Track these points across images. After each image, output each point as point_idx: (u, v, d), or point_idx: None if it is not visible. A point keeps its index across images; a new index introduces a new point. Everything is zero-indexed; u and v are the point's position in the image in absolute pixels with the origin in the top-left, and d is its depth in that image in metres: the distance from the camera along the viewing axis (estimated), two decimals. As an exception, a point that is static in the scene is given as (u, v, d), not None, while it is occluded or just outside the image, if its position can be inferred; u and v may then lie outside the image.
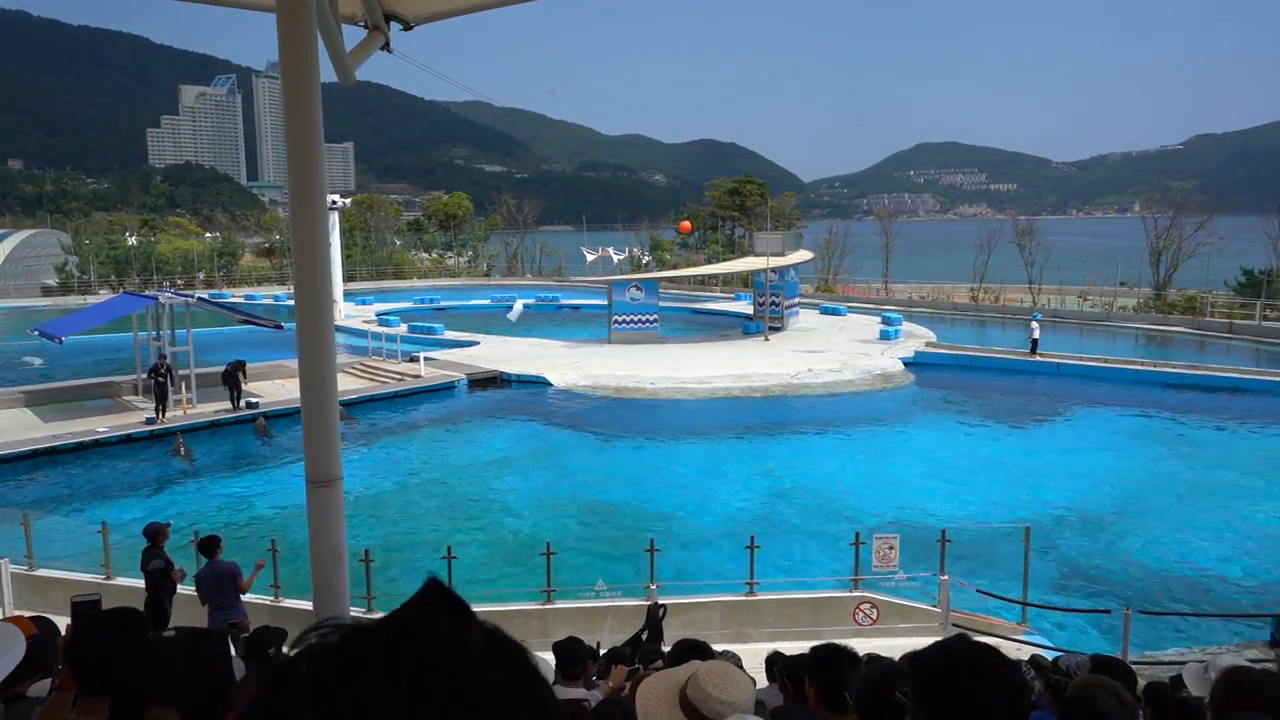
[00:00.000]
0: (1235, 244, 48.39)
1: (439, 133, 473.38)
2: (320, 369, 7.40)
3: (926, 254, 62.79)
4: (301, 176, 6.92)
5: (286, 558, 12.05)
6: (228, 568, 9.69)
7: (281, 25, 6.53)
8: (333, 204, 44.65)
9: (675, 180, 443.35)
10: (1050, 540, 15.11)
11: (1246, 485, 18.50)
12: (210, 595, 9.53)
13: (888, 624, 11.03)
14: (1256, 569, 14.07)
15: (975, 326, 44.37)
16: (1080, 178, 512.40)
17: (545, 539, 13.31)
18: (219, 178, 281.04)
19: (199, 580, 9.69)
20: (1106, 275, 54.84)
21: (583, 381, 28.42)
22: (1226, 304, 44.21)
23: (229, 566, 9.71)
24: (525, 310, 51.03)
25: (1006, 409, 26.27)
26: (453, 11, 7.73)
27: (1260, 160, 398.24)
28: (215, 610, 9.51)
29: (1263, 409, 25.21)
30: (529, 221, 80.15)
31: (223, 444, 22.69)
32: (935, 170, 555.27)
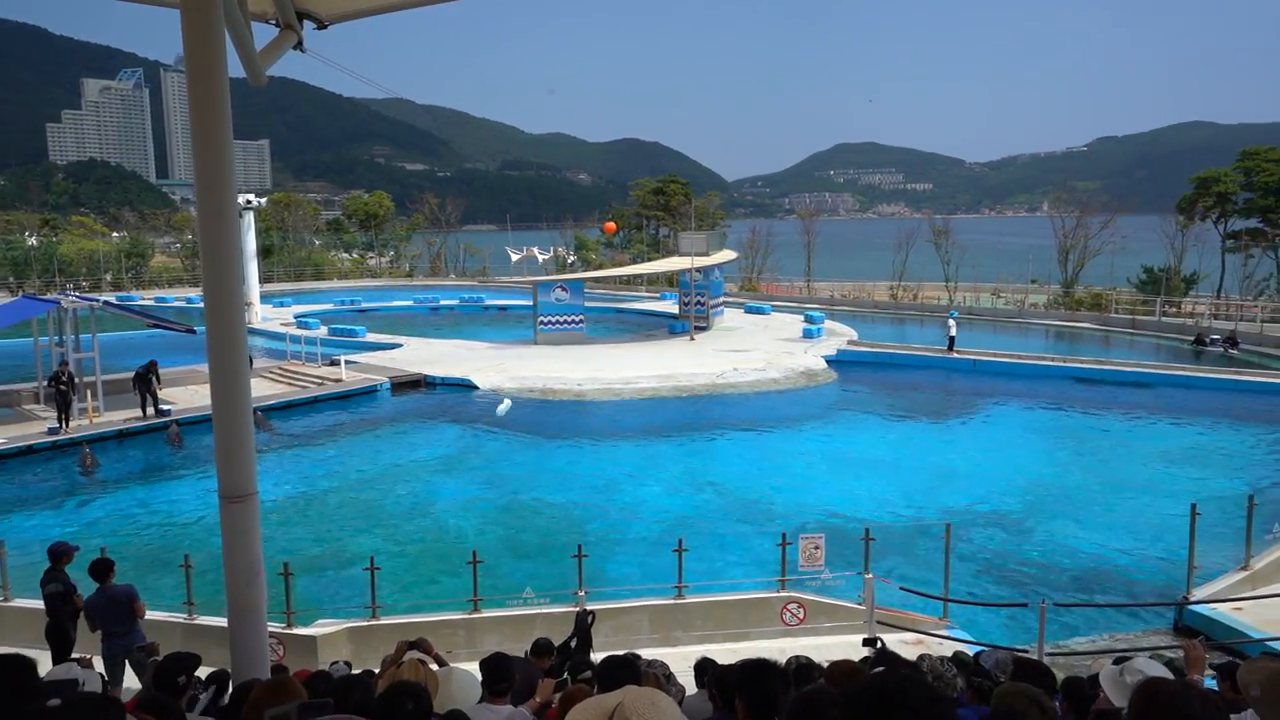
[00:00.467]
0: (1137, 242, 50.54)
1: (358, 130, 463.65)
2: (232, 379, 7.14)
3: (847, 252, 64.13)
4: (210, 180, 6.66)
5: (202, 572, 11.62)
6: (123, 592, 9.06)
7: (186, 23, 6.27)
8: (247, 204, 43.41)
9: (600, 179, 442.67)
10: (971, 534, 15.51)
11: (1150, 476, 19.30)
12: (105, 622, 8.99)
13: (814, 623, 11.16)
14: (1160, 556, 14.66)
15: (895, 324, 45.38)
16: (992, 178, 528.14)
17: (471, 546, 13.14)
18: (126, 175, 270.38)
19: (90, 607, 9.04)
20: (1018, 273, 56.68)
21: (508, 384, 28.14)
22: (1129, 300, 46.12)
23: (124, 591, 9.08)
24: (451, 311, 50.43)
25: (926, 405, 26.91)
26: (368, 11, 7.54)
27: (1159, 162, 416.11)
28: (110, 637, 9.00)
29: (1163, 402, 26.34)
30: (452, 221, 79.15)
31: (133, 454, 21.81)
32: (854, 170, 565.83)
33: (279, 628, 10.67)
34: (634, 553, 14.99)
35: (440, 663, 6.45)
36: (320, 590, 13.51)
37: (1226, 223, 49.85)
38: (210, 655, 9.03)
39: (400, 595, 12.92)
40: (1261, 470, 19.79)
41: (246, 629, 6.86)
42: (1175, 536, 13.92)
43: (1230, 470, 19.70)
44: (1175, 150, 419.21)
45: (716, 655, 8.15)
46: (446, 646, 10.33)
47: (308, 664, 10.12)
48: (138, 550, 15.47)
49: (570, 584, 11.37)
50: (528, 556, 14.84)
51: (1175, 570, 12.90)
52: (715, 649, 10.51)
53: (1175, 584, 12.50)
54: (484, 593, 11.27)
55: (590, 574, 11.78)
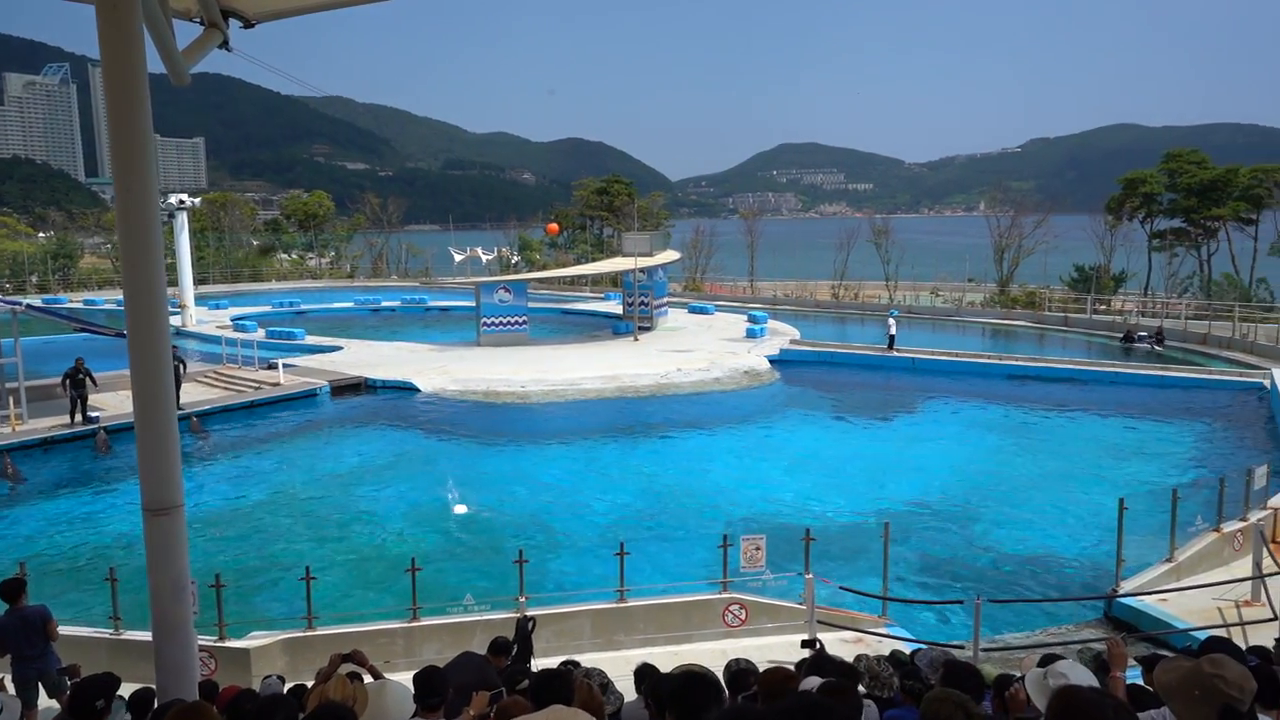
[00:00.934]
0: (1068, 241, 51.99)
1: (297, 129, 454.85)
2: (155, 386, 6.93)
3: (790, 252, 64.67)
4: (130, 181, 6.45)
5: (129, 585, 11.24)
6: (35, 613, 8.54)
7: (102, 20, 6.06)
8: (180, 204, 42.32)
9: (544, 179, 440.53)
10: (909, 532, 15.73)
11: (1082, 471, 19.81)
12: (16, 645, 8.44)
13: (756, 624, 11.21)
14: (1092, 550, 15.05)
15: (837, 323, 45.96)
16: (930, 178, 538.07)
17: (411, 553, 12.95)
18: (52, 173, 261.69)
19: (2, 630, 8.46)
20: (956, 272, 57.91)
21: (451, 386, 27.85)
22: (1062, 299, 47.37)
23: (37, 612, 8.56)
24: (392, 313, 49.85)
25: (867, 404, 27.29)
26: (296, 10, 7.37)
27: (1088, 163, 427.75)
28: (21, 661, 8.56)
29: (1094, 398, 27.09)
30: (394, 221, 78.16)
31: (59, 463, 21.08)
32: (797, 170, 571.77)
33: (210, 641, 10.39)
34: (576, 556, 14.93)
35: (375, 675, 6.33)
36: (255, 601, 13.18)
37: (1152, 222, 51.52)
38: (138, 672, 8.77)
39: (338, 605, 12.67)
40: (1186, 464, 20.45)
41: (172, 646, 6.65)
42: (1106, 530, 14.30)
43: (1157, 464, 20.32)
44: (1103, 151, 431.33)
45: (659, 658, 8.14)
46: (384, 657, 10.18)
47: (240, 678, 9.88)
48: (62, 564, 14.97)
49: (511, 589, 11.27)
50: (468, 562, 14.68)
51: (1107, 563, 13.24)
52: (657, 652, 10.50)
53: (1106, 577, 12.82)
54: (423, 600, 11.09)
55: (532, 578, 11.70)
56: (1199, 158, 49.92)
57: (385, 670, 7.84)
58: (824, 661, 5.17)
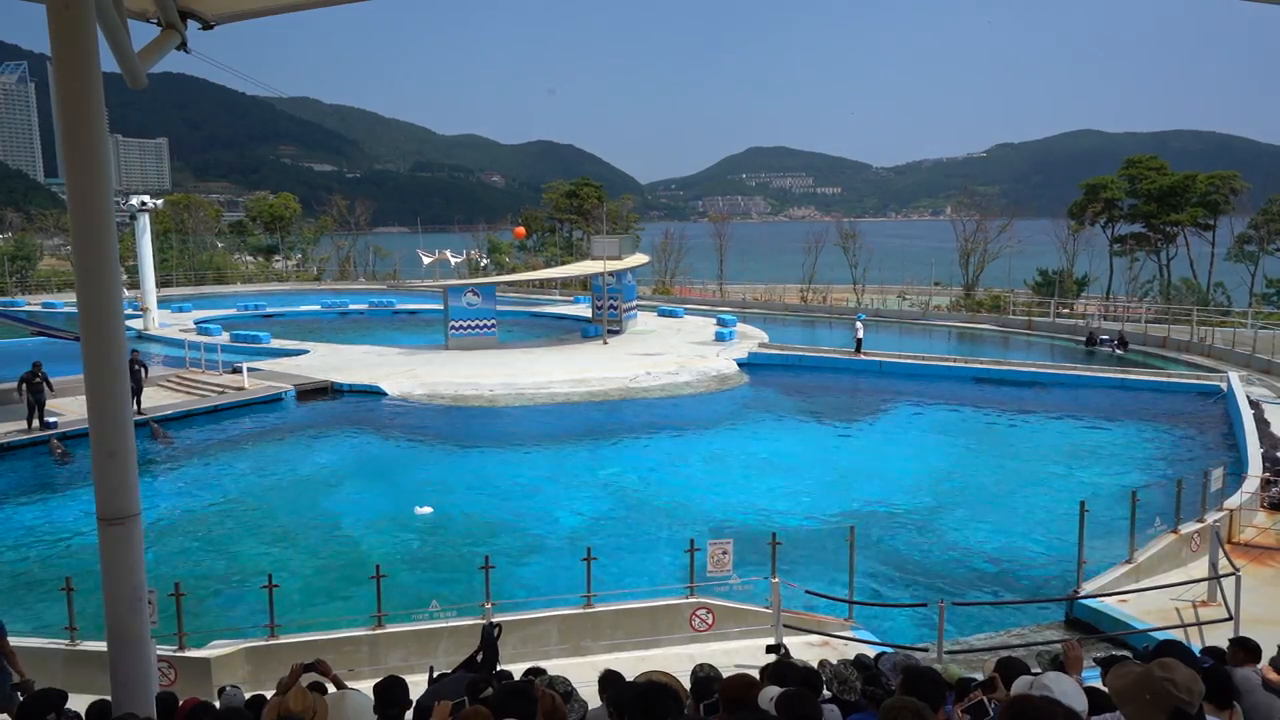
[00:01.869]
0: (1032, 246, 52.70)
1: (263, 129, 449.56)
2: (111, 393, 6.81)
3: (759, 255, 64.99)
4: (82, 184, 6.33)
5: (85, 594, 11.03)
6: None
7: (53, 21, 5.95)
8: (143, 205, 41.71)
9: (513, 182, 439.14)
10: (876, 534, 15.85)
11: (1046, 473, 20.06)
12: None
13: (723, 628, 11.22)
14: (1054, 551, 15.23)
15: (805, 327, 46.22)
16: (897, 182, 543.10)
17: (376, 559, 12.82)
18: (10, 173, 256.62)
19: None
20: (922, 275, 58.48)
21: (418, 390, 27.66)
22: (1026, 302, 48.00)
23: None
24: (360, 316, 49.48)
25: (835, 407, 27.46)
26: (256, 12, 7.28)
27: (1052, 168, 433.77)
28: None
29: (1057, 400, 27.47)
30: (362, 223, 77.54)
31: (15, 470, 20.65)
32: (766, 174, 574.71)
33: (170, 650, 10.21)
34: (543, 561, 14.87)
35: (338, 684, 6.26)
36: (216, 610, 12.99)
37: (1114, 227, 52.39)
38: (95, 683, 8.59)
39: (301, 612, 12.52)
40: (1146, 466, 20.78)
41: (128, 659, 6.53)
42: (1068, 532, 14.49)
43: (1117, 466, 20.62)
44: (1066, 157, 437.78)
45: (625, 664, 8.13)
46: (349, 665, 10.06)
47: (201, 689, 9.72)
48: (16, 573, 14.65)
49: (477, 595, 11.19)
50: (434, 568, 14.57)
51: (1069, 565, 13.42)
52: (624, 658, 10.49)
53: (1068, 579, 12.98)
54: (388, 607, 10.99)
55: (498, 584, 11.63)
56: (1158, 164, 50.85)
57: (350, 679, 7.76)
58: (787, 669, 5.18)
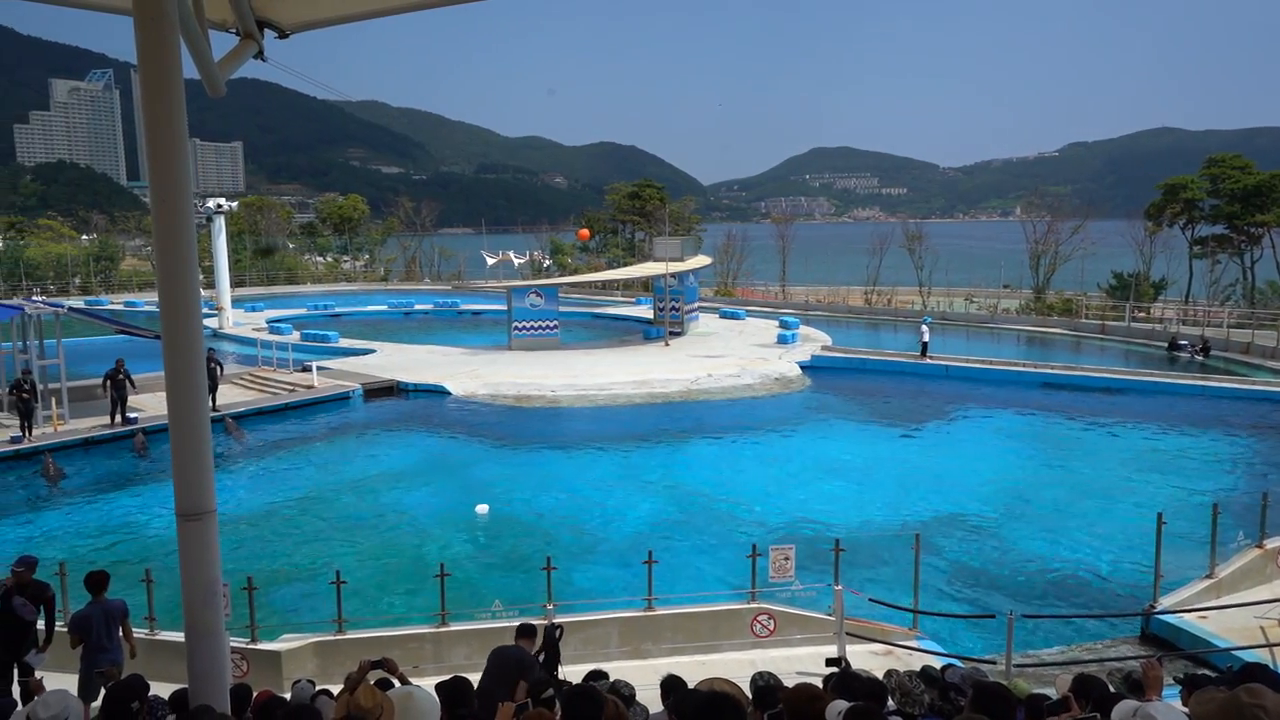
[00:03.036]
0: (1106, 248, 51.18)
1: (333, 133, 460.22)
2: (190, 392, 6.98)
3: (822, 257, 64.25)
4: (165, 188, 6.51)
5: (165, 586, 11.39)
6: (117, 607, 8.88)
7: (140, 31, 6.13)
8: (219, 207, 42.97)
9: (576, 183, 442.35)
10: (942, 542, 15.56)
11: (1120, 482, 19.46)
12: (98, 637, 8.68)
13: (784, 635, 11.12)
14: (1128, 565, 14.78)
15: (869, 329, 45.59)
16: (965, 182, 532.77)
17: (440, 558, 13.02)
18: (95, 177, 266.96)
19: (85, 621, 8.69)
20: (990, 278, 57.23)
21: (482, 390, 27.99)
22: (1099, 306, 46.63)
23: (118, 606, 8.90)
24: (425, 316, 50.27)
25: (899, 412, 27.02)
26: (329, 21, 7.42)
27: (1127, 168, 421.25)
28: (97, 652, 8.70)
29: (1133, 408, 26.61)
30: (427, 224, 78.80)
31: (98, 463, 21.45)
32: (830, 174, 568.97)
33: (243, 643, 10.50)
34: (604, 563, 14.91)
35: (404, 682, 6.35)
36: (287, 604, 13.32)
37: (1194, 229, 50.57)
38: (172, 671, 8.87)
39: (367, 608, 12.76)
40: (1229, 477, 20.02)
41: (204, 650, 6.68)
42: (1144, 544, 14.05)
43: (1197, 477, 19.89)
44: (1143, 156, 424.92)
45: (686, 668, 8.09)
46: (413, 661, 10.23)
47: (272, 681, 9.98)
48: (99, 563, 15.18)
49: (539, 596, 11.26)
50: (497, 568, 14.72)
51: (1144, 578, 13.00)
52: (685, 661, 10.47)
53: (1143, 593, 12.58)
54: (452, 606, 11.13)
55: (560, 585, 11.69)
56: (1242, 163, 48.90)
57: (414, 675, 7.88)
58: (852, 680, 5.10)
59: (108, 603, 8.87)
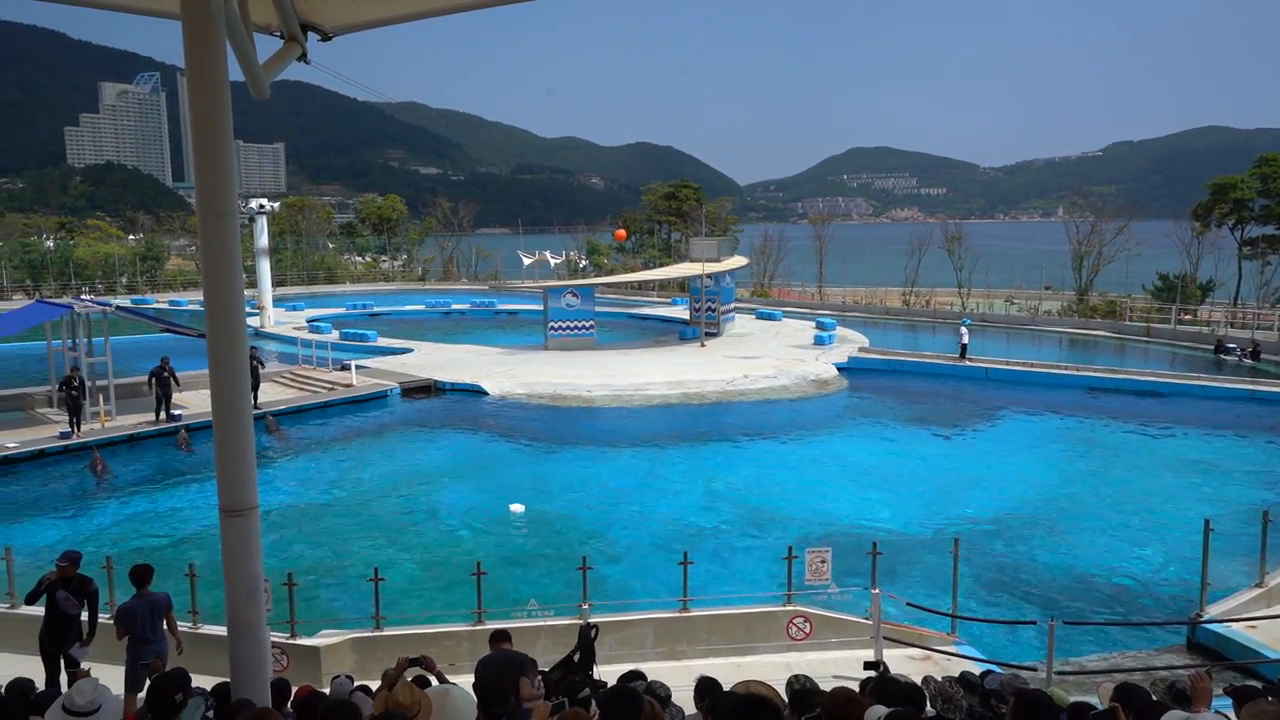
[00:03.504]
0: (1152, 249, 50.18)
1: (372, 134, 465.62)
2: (233, 390, 7.09)
3: (859, 258, 63.78)
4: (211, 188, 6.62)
5: (207, 581, 11.58)
6: (162, 599, 9.04)
7: (188, 35, 6.24)
8: (261, 208, 43.62)
9: (612, 183, 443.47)
10: (981, 546, 15.36)
11: (1164, 488, 19.08)
12: (144, 629, 8.83)
13: (820, 638, 11.04)
14: (1173, 571, 14.48)
15: (907, 331, 45.14)
16: (1006, 182, 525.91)
17: (477, 555, 13.11)
18: (142, 178, 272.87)
19: (130, 613, 8.83)
20: (1032, 279, 56.37)
21: (518, 390, 28.13)
22: (1144, 308, 45.76)
23: (163, 598, 9.07)
24: (462, 315, 50.65)
25: (938, 414, 26.71)
26: (372, 23, 7.50)
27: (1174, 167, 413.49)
28: (143, 645, 8.84)
29: (1179, 412, 26.07)
30: (465, 224, 79.37)
31: (143, 459, 21.88)
32: (868, 174, 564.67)
33: (283, 638, 10.65)
34: (640, 564, 14.91)
35: (441, 679, 6.40)
36: (325, 600, 13.48)
37: (1243, 229, 49.43)
38: (215, 664, 9.01)
39: (404, 605, 12.87)
40: (1278, 483, 19.53)
41: (246, 645, 6.79)
42: (1190, 551, 13.78)
43: (1246, 483, 19.45)
44: (1190, 155, 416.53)
45: (721, 670, 8.06)
46: (450, 659, 10.30)
47: (311, 675, 10.11)
48: (143, 556, 15.47)
49: (575, 595, 11.29)
50: (533, 567, 14.77)
51: (1189, 586, 12.73)
52: (720, 663, 10.43)
53: (1189, 600, 12.32)
54: (488, 604, 11.20)
55: (595, 585, 11.71)
56: (1294, 161, 47.74)
57: (450, 673, 7.94)
58: (890, 684, 5.05)
59: (152, 595, 9.02)
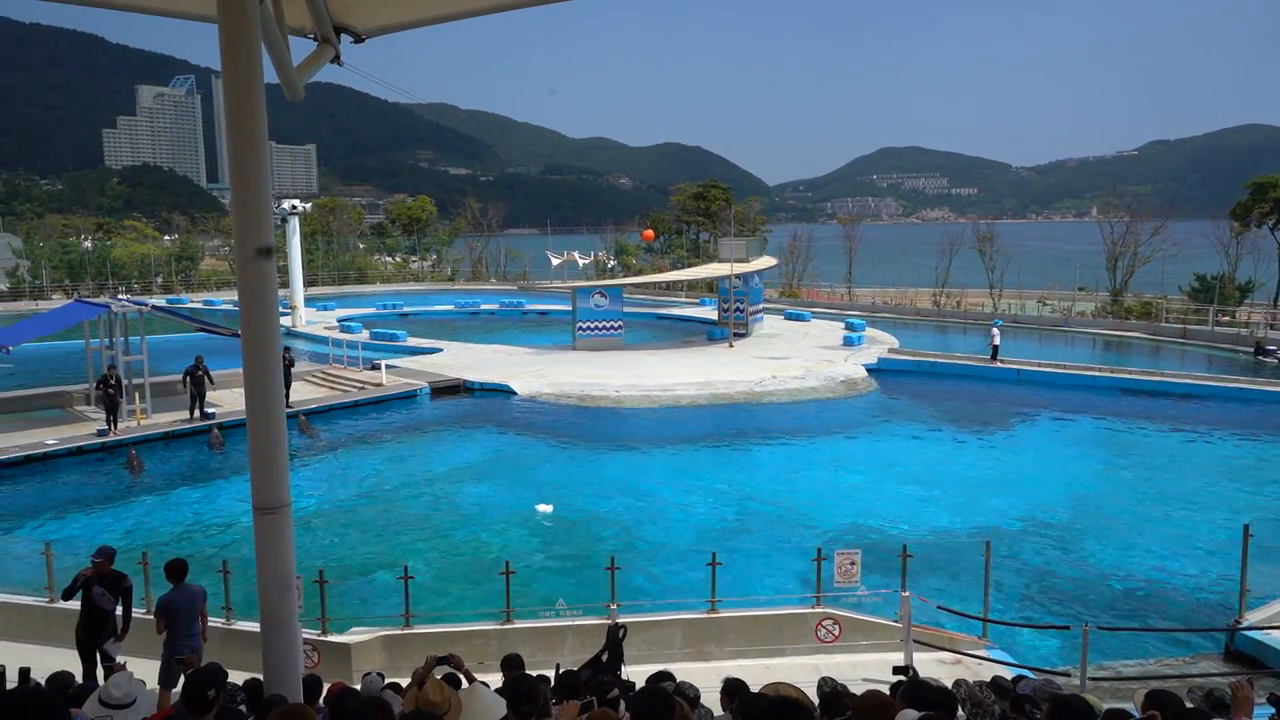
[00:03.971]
0: (1189, 249, 49.30)
1: (403, 135, 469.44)
2: (267, 390, 7.17)
3: (889, 258, 63.29)
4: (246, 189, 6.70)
5: (240, 576, 11.72)
6: (199, 591, 9.20)
7: (224, 38, 6.32)
8: (293, 209, 44.07)
9: (641, 184, 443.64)
10: (1012, 550, 15.18)
11: (1199, 492, 18.75)
12: (185, 623, 8.96)
13: (849, 640, 10.97)
14: (1210, 576, 14.23)
15: (937, 332, 44.74)
16: (1039, 182, 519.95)
17: (506, 555, 13.16)
18: (177, 179, 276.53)
19: (172, 605, 8.92)
20: (1065, 280, 55.63)
21: (546, 390, 28.21)
22: (1181, 309, 45.01)
23: (200, 591, 9.22)
24: (491, 316, 50.89)
25: (968, 416, 26.45)
26: (404, 25, 7.55)
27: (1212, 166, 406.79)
28: (178, 638, 8.94)
29: (1216, 415, 25.63)
30: (494, 225, 79.72)
31: (177, 456, 22.18)
32: (898, 174, 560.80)
33: (314, 635, 10.75)
34: (668, 564, 14.89)
35: (470, 678, 6.43)
36: (356, 597, 13.59)
37: (1284, 229, 48.47)
38: (248, 660, 9.12)
39: (434, 604, 12.94)
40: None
41: (278, 641, 6.87)
42: (1227, 557, 13.54)
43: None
44: (1229, 154, 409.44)
45: (750, 671, 8.05)
46: (478, 657, 10.34)
47: (342, 672, 10.20)
48: (177, 553, 15.69)
49: (603, 595, 11.30)
50: (561, 567, 14.80)
51: (1227, 593, 12.50)
52: (748, 665, 10.39)
53: (1226, 608, 12.10)
54: (517, 603, 11.24)
55: (623, 585, 11.71)
56: (1336, 160, 46.78)
57: (478, 671, 7.96)
58: (921, 688, 5.00)
59: (191, 588, 9.16)
